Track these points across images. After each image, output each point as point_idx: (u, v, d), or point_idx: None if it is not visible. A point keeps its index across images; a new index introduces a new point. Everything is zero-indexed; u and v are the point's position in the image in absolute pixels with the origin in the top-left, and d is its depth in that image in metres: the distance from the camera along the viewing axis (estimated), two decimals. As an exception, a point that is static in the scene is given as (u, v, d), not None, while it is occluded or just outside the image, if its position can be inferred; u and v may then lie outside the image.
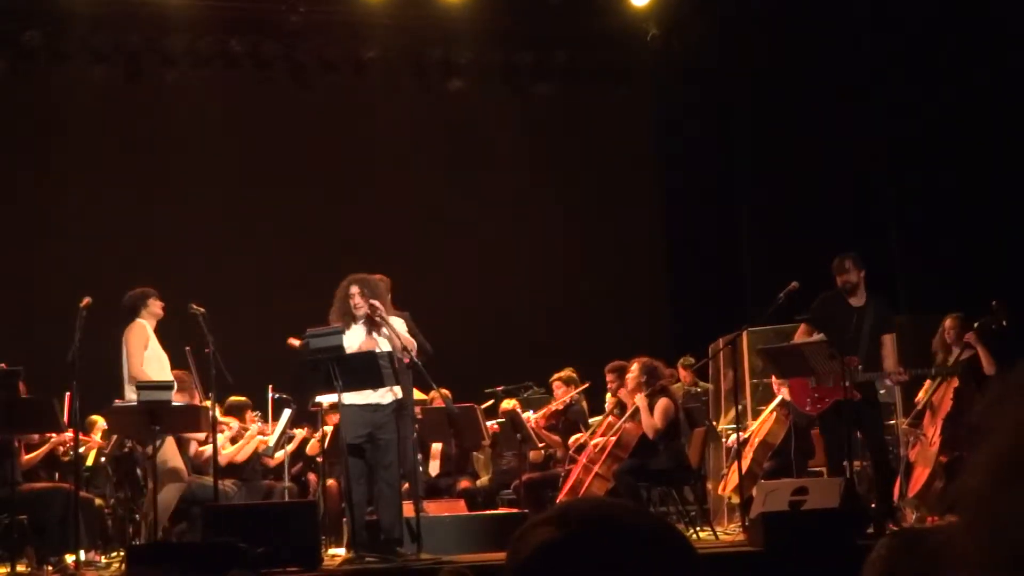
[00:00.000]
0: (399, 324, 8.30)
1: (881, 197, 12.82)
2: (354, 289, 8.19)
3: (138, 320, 8.70)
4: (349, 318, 8.19)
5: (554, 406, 10.80)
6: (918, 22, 12.11)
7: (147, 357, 8.61)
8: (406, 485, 9.09)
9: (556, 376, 10.91)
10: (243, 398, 10.50)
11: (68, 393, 8.41)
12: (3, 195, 12.61)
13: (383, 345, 8.11)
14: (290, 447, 10.45)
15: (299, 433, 10.63)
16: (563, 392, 10.81)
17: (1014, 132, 11.54)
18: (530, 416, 10.59)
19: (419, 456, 9.41)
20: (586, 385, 10.89)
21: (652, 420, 9.32)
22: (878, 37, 12.68)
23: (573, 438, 10.32)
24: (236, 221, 13.14)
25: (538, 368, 11.67)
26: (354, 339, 8.16)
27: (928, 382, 9.33)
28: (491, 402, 11.20)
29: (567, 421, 10.69)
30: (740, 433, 9.55)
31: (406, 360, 8.21)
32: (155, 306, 8.73)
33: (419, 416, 9.31)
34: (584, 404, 11.11)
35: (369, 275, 8.42)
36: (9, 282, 12.29)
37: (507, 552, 1.40)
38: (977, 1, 11.95)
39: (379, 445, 8.10)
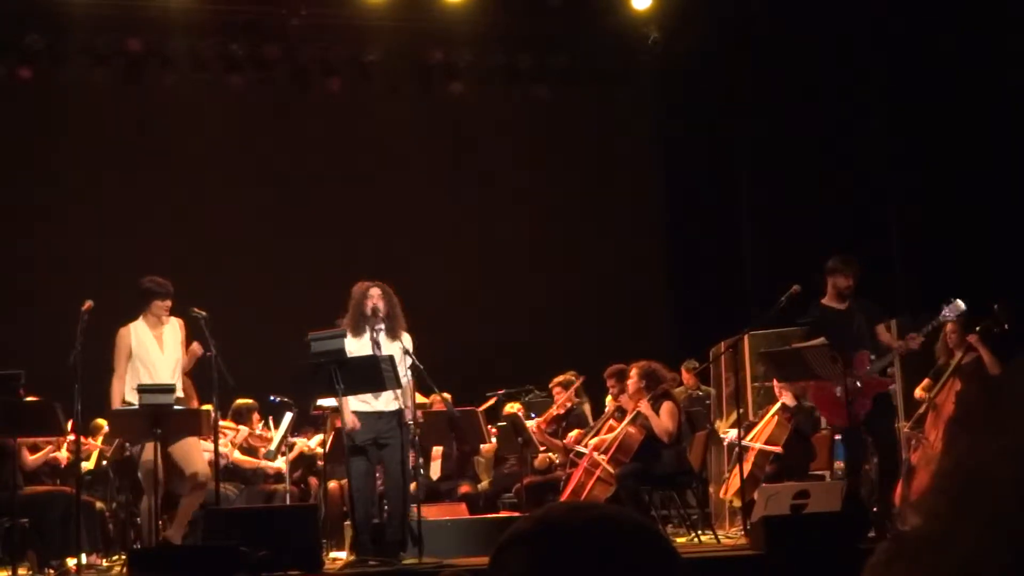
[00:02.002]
0: (405, 336, 8.30)
1: (881, 197, 12.81)
2: (375, 291, 8.20)
3: (129, 324, 8.62)
4: (363, 322, 8.17)
5: (555, 411, 10.78)
6: (918, 22, 12.11)
7: (131, 366, 8.52)
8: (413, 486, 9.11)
9: (555, 381, 10.88)
10: (249, 400, 10.51)
11: (72, 424, 8.36)
12: (4, 197, 12.61)
13: (386, 350, 8.11)
14: (291, 454, 10.45)
15: (299, 443, 10.63)
16: (563, 397, 10.79)
17: (1015, 132, 11.53)
18: (531, 424, 10.58)
19: (419, 459, 9.40)
20: (581, 379, 10.82)
21: (663, 423, 9.29)
22: (877, 37, 12.67)
23: (572, 434, 10.27)
24: (237, 224, 13.14)
25: (538, 371, 11.67)
26: (359, 347, 8.14)
27: (928, 380, 9.33)
28: (492, 402, 11.17)
29: (569, 426, 10.68)
30: (741, 436, 9.54)
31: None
32: (156, 308, 8.63)
33: (420, 419, 9.31)
34: (587, 408, 11.10)
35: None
36: (10, 285, 12.29)
37: (488, 565, 1.38)
38: (977, 1, 11.94)
39: (384, 450, 8.12)
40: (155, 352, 8.56)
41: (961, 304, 8.57)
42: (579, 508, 1.41)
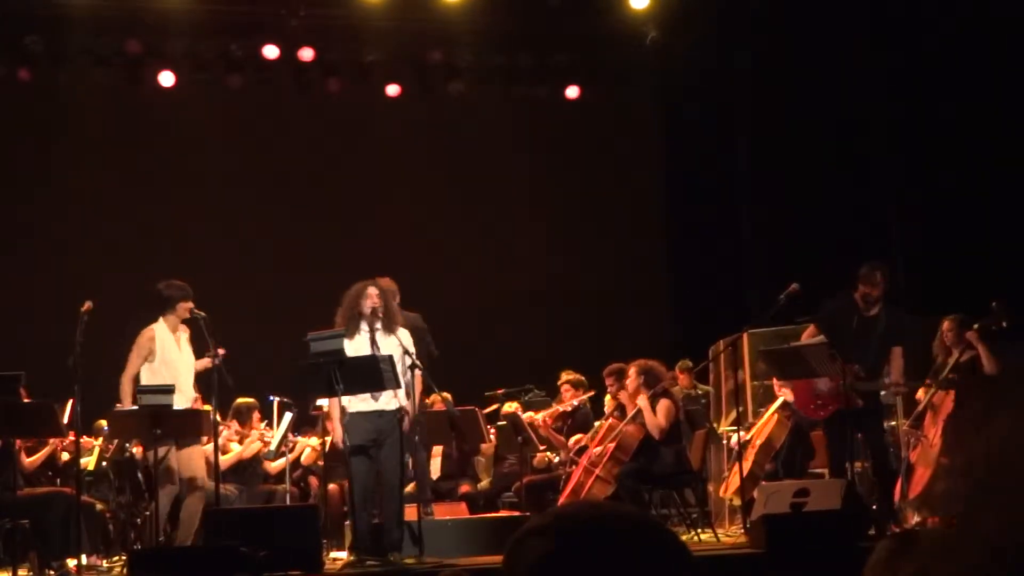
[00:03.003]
0: (404, 335, 8.32)
1: (881, 197, 12.82)
2: (372, 290, 8.21)
3: (152, 325, 8.67)
4: (357, 320, 8.17)
5: (561, 408, 10.77)
6: (918, 21, 12.11)
7: (153, 368, 8.55)
8: (411, 487, 9.11)
9: (565, 379, 10.86)
10: (250, 400, 10.50)
11: (72, 400, 8.40)
12: (4, 199, 12.62)
13: (384, 349, 8.11)
14: (291, 456, 10.45)
15: (301, 442, 10.63)
16: (571, 395, 10.77)
17: (1015, 131, 11.53)
18: (534, 416, 10.58)
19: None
20: (591, 393, 10.86)
21: (656, 419, 9.29)
22: (877, 37, 12.68)
23: (574, 439, 10.29)
24: (238, 224, 13.15)
25: (539, 371, 11.67)
26: (355, 348, 8.14)
27: (929, 381, 9.34)
28: (494, 406, 11.17)
29: (574, 423, 10.68)
30: (741, 435, 9.55)
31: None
32: (181, 310, 8.67)
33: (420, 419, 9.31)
34: (588, 407, 11.11)
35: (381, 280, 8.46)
36: (10, 286, 12.30)
37: (503, 559, 1.40)
38: (978, 1, 11.95)
39: (383, 450, 8.12)
40: (174, 352, 8.61)
41: None
42: (595, 506, 1.45)
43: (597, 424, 10.41)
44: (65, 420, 8.52)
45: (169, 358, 8.62)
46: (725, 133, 13.74)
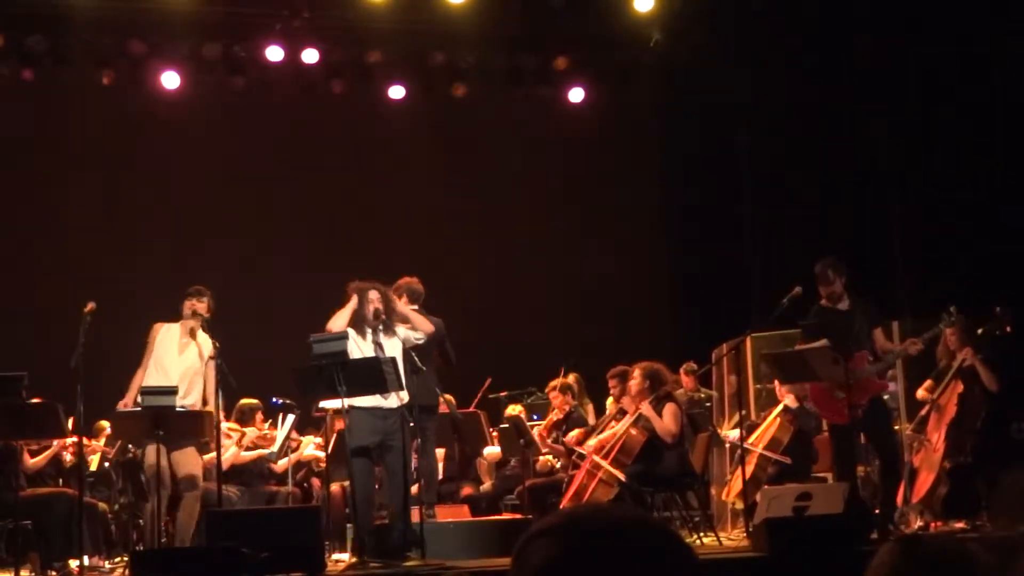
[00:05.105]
0: (406, 337, 8.33)
1: (881, 197, 12.82)
2: (374, 295, 8.23)
3: (157, 324, 8.68)
4: (363, 324, 8.19)
5: (554, 417, 10.74)
6: (918, 22, 12.12)
7: (148, 368, 8.55)
8: (415, 488, 9.10)
9: (551, 385, 10.81)
10: (254, 400, 10.50)
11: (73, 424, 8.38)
12: (7, 199, 12.63)
13: (388, 351, 8.12)
14: (294, 456, 10.45)
15: (305, 440, 10.62)
16: (561, 401, 10.75)
17: (1016, 132, 11.53)
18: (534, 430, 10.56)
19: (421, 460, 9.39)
20: (573, 377, 10.79)
21: (666, 424, 9.26)
22: (878, 38, 12.68)
23: (573, 434, 10.22)
24: (239, 224, 13.16)
25: (540, 372, 11.66)
26: (362, 349, 8.14)
27: (930, 381, 9.33)
28: (488, 383, 11.06)
29: (569, 429, 10.66)
30: (743, 438, 9.54)
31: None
32: (185, 307, 8.67)
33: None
34: (589, 407, 11.08)
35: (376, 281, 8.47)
36: (12, 286, 12.31)
37: (511, 563, 1.41)
38: (977, 2, 11.95)
39: (389, 451, 8.11)
40: (169, 356, 8.57)
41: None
42: (601, 508, 1.47)
43: (596, 423, 10.39)
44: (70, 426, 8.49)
45: (160, 359, 8.58)
46: (728, 136, 13.74)
